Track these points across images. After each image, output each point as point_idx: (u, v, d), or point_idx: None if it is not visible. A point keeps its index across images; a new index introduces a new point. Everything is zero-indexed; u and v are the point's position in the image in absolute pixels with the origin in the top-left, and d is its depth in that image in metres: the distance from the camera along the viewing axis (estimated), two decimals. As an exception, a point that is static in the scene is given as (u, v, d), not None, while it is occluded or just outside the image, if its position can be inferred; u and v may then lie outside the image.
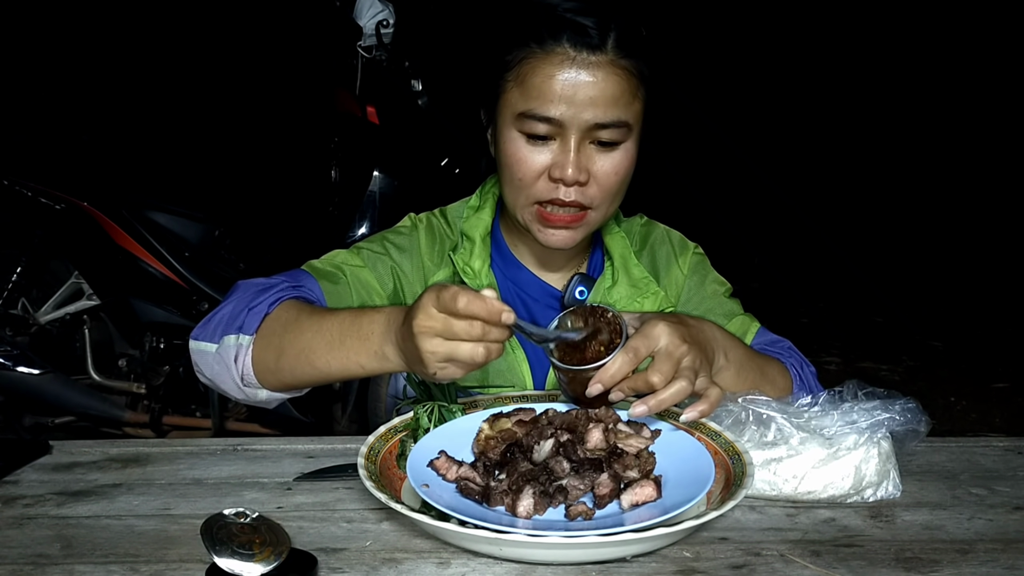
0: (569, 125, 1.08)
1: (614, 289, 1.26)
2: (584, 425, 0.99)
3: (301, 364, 1.04)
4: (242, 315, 1.08)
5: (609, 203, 1.15)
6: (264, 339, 1.06)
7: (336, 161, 2.94)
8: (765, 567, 0.85)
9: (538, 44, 1.07)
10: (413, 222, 1.30)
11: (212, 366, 1.10)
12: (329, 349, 1.01)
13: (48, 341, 2.72)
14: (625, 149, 1.12)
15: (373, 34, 2.76)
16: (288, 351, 1.04)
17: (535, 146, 1.10)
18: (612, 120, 1.08)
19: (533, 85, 1.08)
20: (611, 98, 1.07)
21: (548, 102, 1.07)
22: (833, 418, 1.00)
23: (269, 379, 1.07)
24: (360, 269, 1.22)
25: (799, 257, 5.78)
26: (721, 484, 0.94)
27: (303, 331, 1.03)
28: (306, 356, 1.03)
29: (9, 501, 1.01)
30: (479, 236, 1.26)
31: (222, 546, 0.80)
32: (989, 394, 3.84)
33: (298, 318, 1.05)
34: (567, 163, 1.09)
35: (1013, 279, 5.31)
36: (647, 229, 1.35)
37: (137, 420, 2.67)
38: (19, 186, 2.60)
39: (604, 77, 1.07)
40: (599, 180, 1.11)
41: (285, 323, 1.06)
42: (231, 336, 1.08)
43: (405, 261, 1.26)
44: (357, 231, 2.75)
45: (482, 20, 1.22)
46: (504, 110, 1.12)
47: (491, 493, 0.90)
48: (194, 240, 2.70)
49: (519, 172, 1.12)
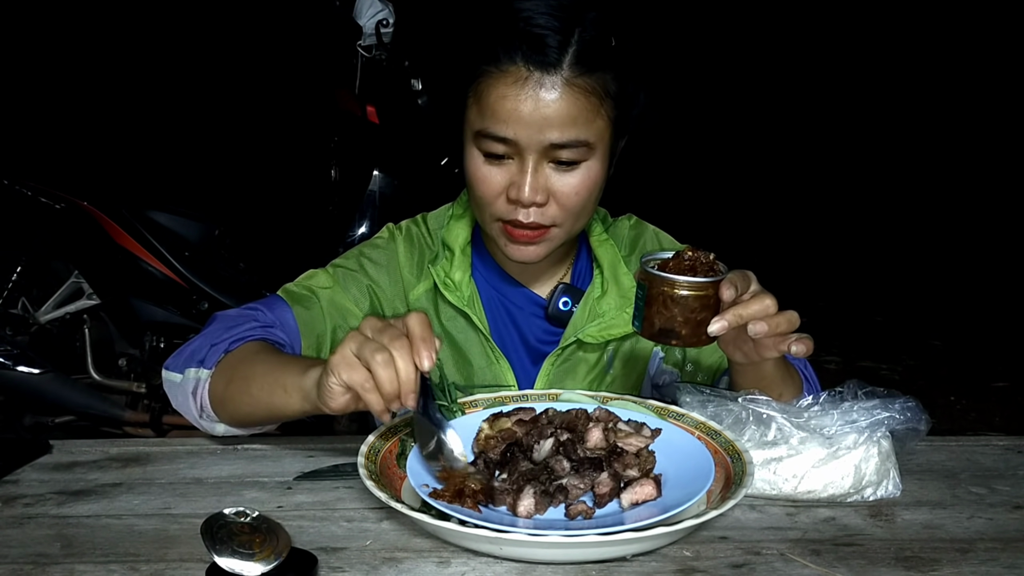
0: (525, 146, 1.05)
1: (603, 299, 1.23)
2: (584, 424, 1.00)
3: (246, 400, 1.05)
4: (204, 350, 1.10)
5: (573, 221, 1.12)
6: (219, 375, 1.08)
7: (336, 160, 2.94)
8: (765, 566, 0.85)
9: (493, 63, 1.04)
10: (391, 233, 1.28)
11: (177, 396, 1.13)
12: (271, 391, 1.01)
13: (48, 340, 2.72)
14: (587, 168, 1.08)
15: (373, 33, 2.76)
16: (232, 388, 1.06)
17: (493, 165, 1.08)
18: (570, 140, 1.04)
19: (488, 104, 1.05)
20: (567, 118, 1.03)
21: (502, 122, 1.04)
22: (833, 417, 1.00)
23: (221, 413, 1.09)
24: (333, 292, 1.22)
25: (799, 257, 5.78)
26: (721, 483, 0.94)
27: (250, 372, 1.05)
28: (251, 394, 1.04)
29: (9, 501, 1.01)
30: (459, 247, 1.23)
31: (222, 545, 0.80)
32: (989, 393, 3.84)
33: (252, 359, 1.06)
34: (523, 184, 1.06)
35: (1013, 279, 5.31)
36: (636, 231, 1.32)
37: (137, 419, 2.67)
38: (19, 186, 2.60)
39: (559, 96, 1.02)
40: (559, 200, 1.08)
41: (238, 361, 1.07)
42: (192, 369, 1.10)
43: (382, 276, 1.25)
44: (357, 231, 2.75)
45: (448, 36, 1.21)
46: (466, 127, 1.11)
47: (495, 493, 0.90)
48: (194, 240, 2.70)
49: (479, 190, 1.10)
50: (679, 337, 0.94)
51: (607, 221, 1.31)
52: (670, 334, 0.94)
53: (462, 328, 1.23)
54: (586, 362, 1.24)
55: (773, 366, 1.06)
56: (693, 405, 1.07)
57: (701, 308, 0.92)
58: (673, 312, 0.93)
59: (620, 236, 1.31)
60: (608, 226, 1.31)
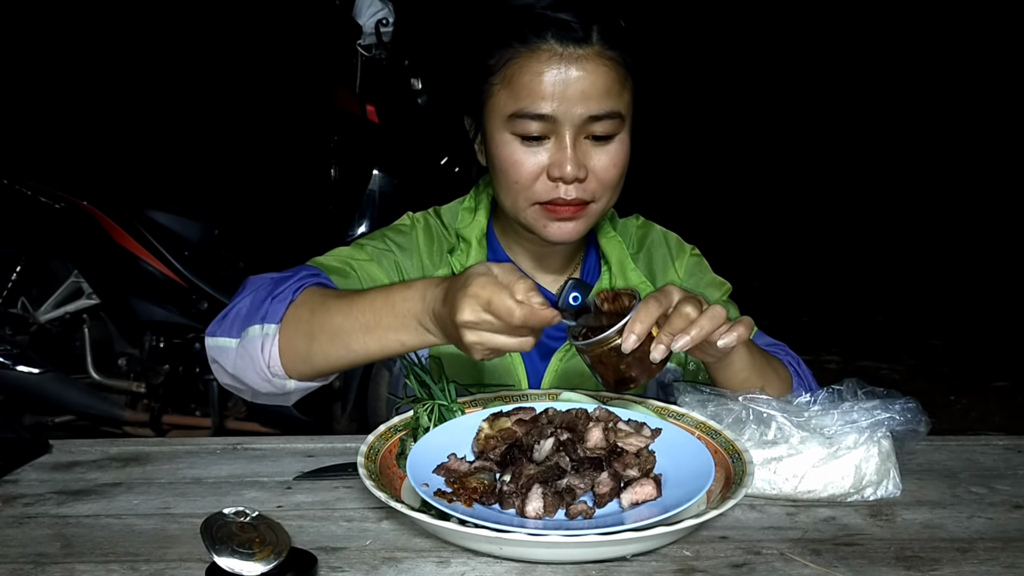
0: (563, 121, 1.07)
1: None
2: (584, 424, 0.99)
3: (336, 348, 1.00)
4: (264, 304, 1.04)
5: (610, 196, 1.14)
6: (291, 326, 1.02)
7: (335, 160, 2.94)
8: (765, 566, 0.85)
9: (522, 43, 1.06)
10: (412, 220, 1.30)
11: (235, 361, 1.06)
12: (365, 331, 0.98)
13: (48, 340, 2.72)
14: (620, 141, 1.11)
15: (373, 32, 2.76)
16: (320, 336, 1.00)
17: (529, 147, 1.09)
18: (605, 111, 1.07)
19: (522, 84, 1.07)
20: (602, 90, 1.06)
21: (539, 99, 1.06)
22: (833, 417, 1.00)
23: (299, 367, 1.03)
24: (367, 263, 1.21)
25: (799, 256, 5.78)
26: (721, 483, 0.94)
27: (333, 315, 1.00)
28: (341, 339, 0.99)
29: (9, 500, 1.01)
30: (475, 238, 1.25)
31: (222, 545, 0.80)
32: (989, 393, 3.84)
33: (324, 303, 1.02)
34: (565, 160, 1.07)
35: (1013, 278, 5.31)
36: (644, 231, 1.34)
37: (137, 419, 2.67)
38: (19, 185, 2.60)
39: (593, 69, 1.06)
40: (598, 174, 1.11)
41: (312, 309, 1.02)
42: (255, 327, 1.03)
43: (406, 259, 1.26)
44: (356, 230, 2.75)
45: (461, 28, 1.22)
46: (493, 115, 1.11)
47: (503, 496, 0.90)
48: (194, 239, 2.70)
49: (515, 175, 1.11)
50: (634, 380, 0.97)
51: (615, 220, 1.33)
52: (626, 381, 0.97)
53: None
54: None
55: (742, 361, 1.07)
56: (693, 405, 1.07)
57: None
58: (615, 363, 0.95)
59: (628, 235, 1.33)
60: (616, 225, 1.32)
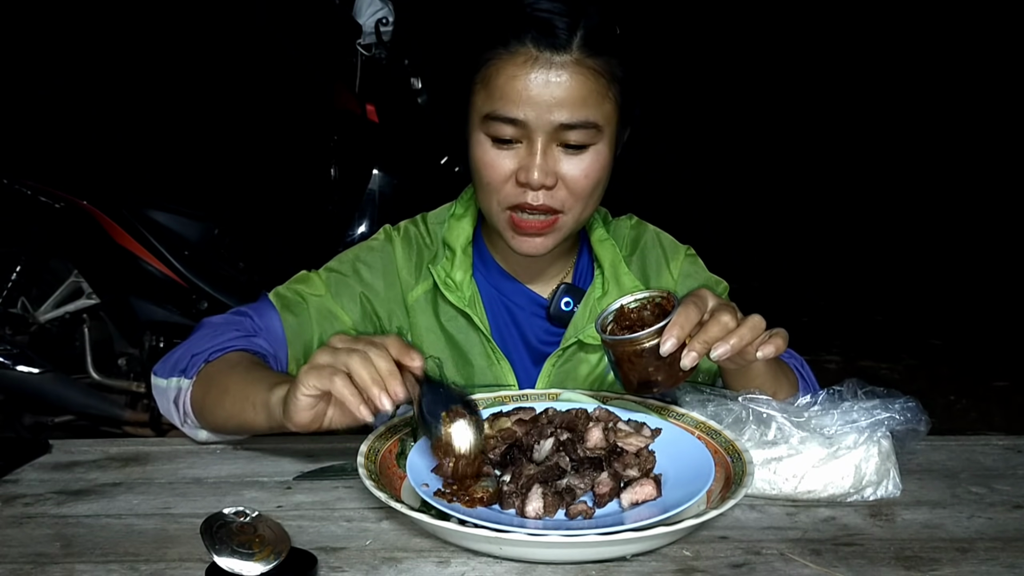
0: (534, 127, 1.06)
1: (605, 300, 1.23)
2: (584, 424, 0.99)
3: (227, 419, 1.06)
4: (186, 359, 1.12)
5: (582, 207, 1.12)
6: (198, 385, 1.09)
7: (335, 159, 2.95)
8: (765, 566, 0.85)
9: (503, 45, 1.06)
10: (388, 235, 1.28)
11: (162, 402, 1.16)
12: (231, 403, 1.03)
13: (48, 340, 2.72)
14: (595, 151, 1.09)
15: (372, 32, 2.76)
16: (209, 399, 1.08)
17: (501, 149, 1.09)
18: (579, 121, 1.05)
19: (497, 86, 1.06)
20: (577, 98, 1.04)
21: (512, 103, 1.05)
22: (833, 417, 1.00)
23: (201, 421, 1.11)
24: (324, 299, 1.22)
25: (799, 256, 5.78)
26: (721, 483, 0.94)
27: (225, 385, 1.06)
28: (220, 407, 1.06)
29: (9, 500, 1.01)
30: (460, 246, 1.23)
31: (222, 545, 0.80)
32: (989, 393, 3.84)
33: (228, 372, 1.07)
34: (532, 166, 1.06)
35: (1013, 278, 5.31)
36: (637, 232, 1.32)
37: (137, 419, 2.67)
38: (19, 185, 2.60)
39: (570, 76, 1.04)
40: (568, 183, 1.09)
41: (216, 373, 1.08)
42: (174, 378, 1.12)
43: (378, 280, 1.24)
44: (356, 229, 2.75)
45: (453, 24, 1.22)
46: (473, 113, 1.11)
47: (503, 497, 0.90)
48: (194, 239, 2.70)
49: (487, 176, 1.11)
50: (658, 385, 0.95)
51: (608, 221, 1.31)
52: (649, 385, 0.96)
53: (463, 328, 1.23)
54: (587, 363, 1.24)
55: (762, 367, 1.07)
56: (693, 405, 1.07)
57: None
58: (643, 365, 0.94)
59: (621, 236, 1.31)
60: (609, 226, 1.30)
